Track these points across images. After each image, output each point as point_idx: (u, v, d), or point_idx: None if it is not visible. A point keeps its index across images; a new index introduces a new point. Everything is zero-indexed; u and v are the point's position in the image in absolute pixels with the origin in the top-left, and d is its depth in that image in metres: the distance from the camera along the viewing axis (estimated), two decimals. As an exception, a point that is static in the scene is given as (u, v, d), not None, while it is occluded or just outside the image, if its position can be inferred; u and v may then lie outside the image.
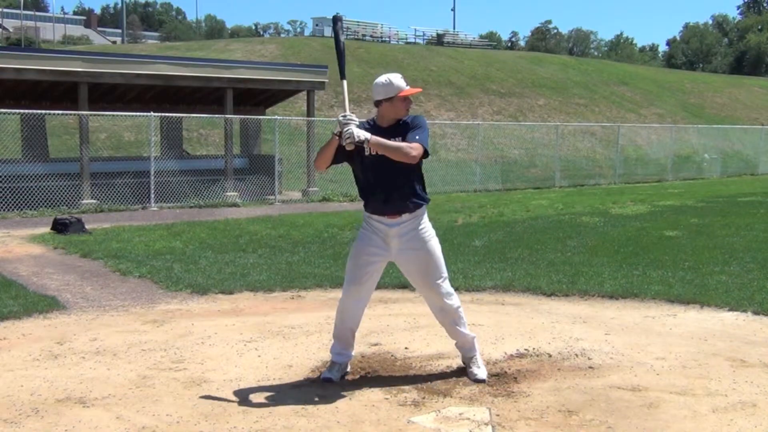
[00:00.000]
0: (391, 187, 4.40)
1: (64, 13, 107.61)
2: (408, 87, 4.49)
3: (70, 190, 14.80)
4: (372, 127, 4.47)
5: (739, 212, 13.98)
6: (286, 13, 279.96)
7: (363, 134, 4.23)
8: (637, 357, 5.10)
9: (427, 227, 4.55)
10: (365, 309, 4.72)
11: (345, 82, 4.56)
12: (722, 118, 38.99)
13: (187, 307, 6.78)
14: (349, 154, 4.38)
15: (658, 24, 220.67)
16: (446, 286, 4.58)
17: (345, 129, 4.21)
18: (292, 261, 8.98)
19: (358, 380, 4.59)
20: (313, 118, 18.94)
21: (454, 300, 4.62)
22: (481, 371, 4.60)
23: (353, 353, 4.78)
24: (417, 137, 4.34)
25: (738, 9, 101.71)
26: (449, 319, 4.63)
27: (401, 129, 4.44)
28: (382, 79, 4.48)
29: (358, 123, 4.30)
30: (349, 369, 4.72)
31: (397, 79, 4.45)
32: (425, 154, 4.36)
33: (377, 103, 4.47)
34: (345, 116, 4.25)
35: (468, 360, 4.68)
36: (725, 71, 74.80)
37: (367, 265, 4.52)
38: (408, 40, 49.28)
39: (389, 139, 4.36)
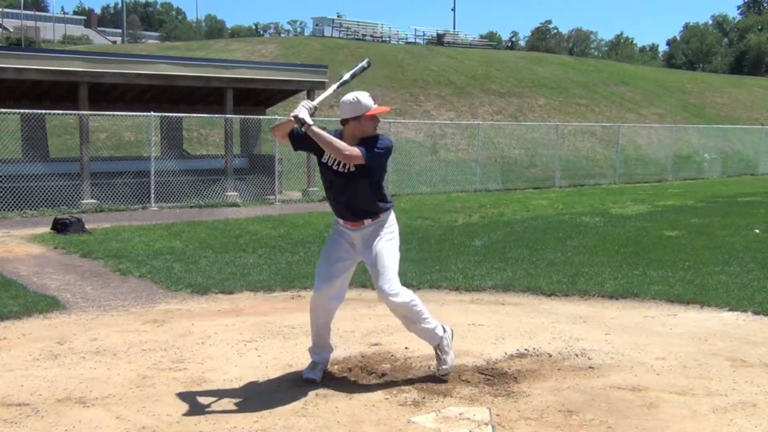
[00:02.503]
0: (350, 202, 4.50)
1: (64, 13, 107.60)
2: (375, 105, 4.48)
3: (70, 190, 14.79)
4: (339, 138, 4.43)
5: (739, 212, 13.98)
6: (286, 13, 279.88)
7: (308, 119, 4.33)
8: (637, 357, 5.10)
9: (390, 228, 4.57)
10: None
11: (333, 87, 4.64)
12: (722, 118, 38.96)
13: (187, 307, 6.78)
14: (309, 146, 4.51)
15: (658, 24, 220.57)
16: (392, 285, 4.44)
17: (296, 110, 4.37)
18: (292, 261, 8.98)
19: (358, 380, 4.59)
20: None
21: (402, 297, 4.47)
22: (449, 357, 4.59)
23: (332, 352, 4.78)
24: (363, 148, 4.35)
25: (738, 9, 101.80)
26: (400, 314, 4.56)
27: (362, 144, 4.40)
28: (349, 97, 4.45)
29: (311, 109, 4.40)
30: (327, 367, 4.72)
31: (364, 97, 4.43)
32: (367, 163, 4.35)
33: (344, 122, 4.46)
34: (307, 102, 4.42)
35: (437, 349, 4.65)
36: (725, 71, 74.75)
37: (336, 262, 4.55)
38: (408, 40, 49.25)
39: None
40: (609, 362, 4.97)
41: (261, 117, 19.51)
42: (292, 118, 4.37)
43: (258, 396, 4.33)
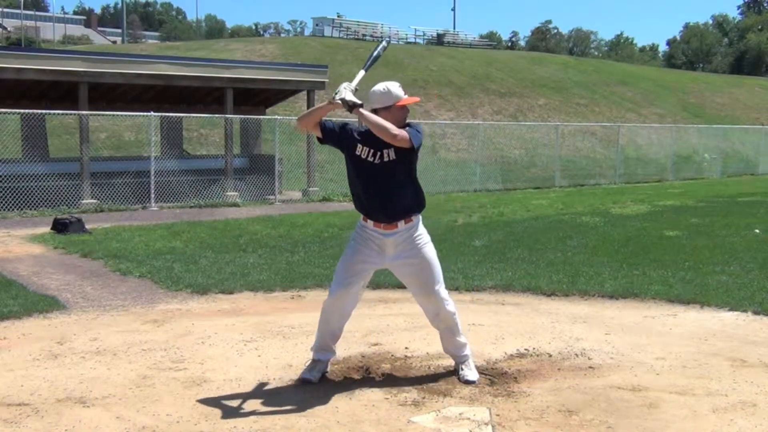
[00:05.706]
0: (386, 198, 4.37)
1: (65, 13, 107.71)
2: (406, 96, 4.45)
3: (70, 190, 14.79)
4: (366, 131, 4.42)
5: (739, 212, 13.98)
6: (286, 13, 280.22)
7: (354, 99, 4.23)
8: (637, 357, 5.10)
9: (422, 234, 4.50)
10: (353, 311, 4.70)
11: (363, 72, 4.53)
12: (722, 118, 38.95)
13: (187, 307, 6.78)
14: (338, 140, 4.42)
15: (658, 24, 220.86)
16: (443, 292, 4.54)
17: (340, 89, 4.26)
18: (292, 261, 8.98)
19: (358, 380, 4.59)
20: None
21: (451, 306, 4.57)
22: (471, 373, 4.58)
23: (336, 353, 4.75)
24: (410, 129, 4.33)
25: (738, 9, 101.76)
26: (444, 326, 4.61)
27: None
28: (380, 87, 4.41)
29: (354, 90, 4.31)
30: (328, 369, 4.67)
31: (395, 87, 4.41)
32: (412, 147, 4.32)
33: (374, 111, 4.39)
34: (348, 84, 4.31)
35: (460, 363, 4.65)
36: (725, 71, 74.72)
37: (360, 271, 4.48)
38: (408, 40, 49.25)
39: (381, 146, 4.32)
40: (609, 362, 4.97)
41: (261, 117, 19.51)
42: (339, 101, 4.24)
43: (258, 396, 4.33)
